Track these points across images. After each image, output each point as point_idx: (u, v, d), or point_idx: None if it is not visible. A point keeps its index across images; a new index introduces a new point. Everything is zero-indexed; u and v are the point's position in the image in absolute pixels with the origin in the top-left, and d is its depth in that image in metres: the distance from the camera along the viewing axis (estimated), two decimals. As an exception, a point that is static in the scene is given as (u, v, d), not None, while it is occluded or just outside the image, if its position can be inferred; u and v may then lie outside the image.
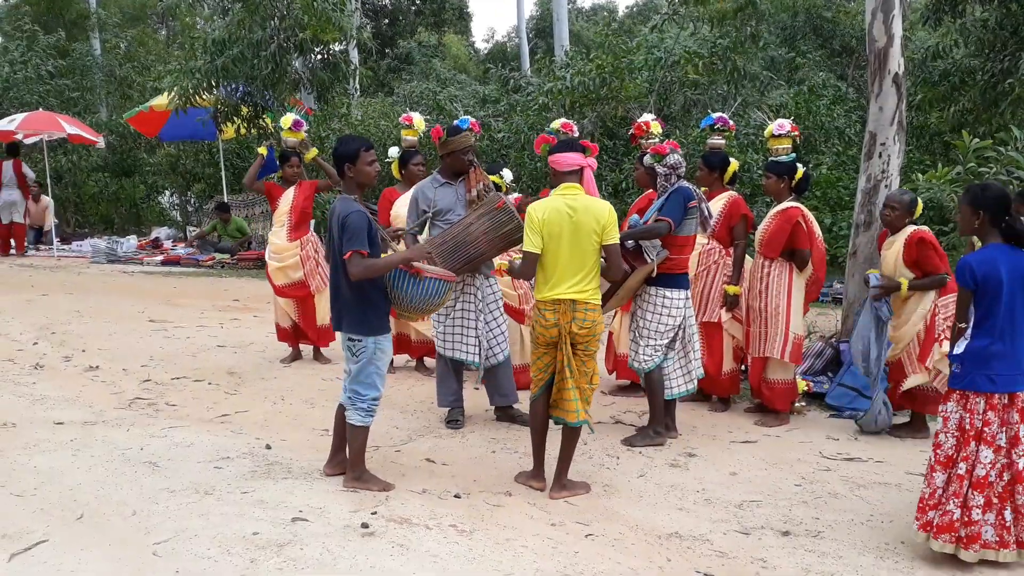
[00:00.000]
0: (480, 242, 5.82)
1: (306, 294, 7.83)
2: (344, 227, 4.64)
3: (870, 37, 7.70)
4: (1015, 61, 10.56)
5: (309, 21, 13.76)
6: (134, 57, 24.59)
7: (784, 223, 6.32)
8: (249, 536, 4.18)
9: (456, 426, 6.20)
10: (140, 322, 9.80)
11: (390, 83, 26.56)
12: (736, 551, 4.31)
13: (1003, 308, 4.11)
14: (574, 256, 4.80)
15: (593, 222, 4.80)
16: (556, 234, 4.78)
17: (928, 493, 4.25)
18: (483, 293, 6.15)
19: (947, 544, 4.15)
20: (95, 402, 6.56)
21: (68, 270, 14.57)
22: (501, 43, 39.54)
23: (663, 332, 5.85)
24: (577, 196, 4.86)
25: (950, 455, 4.22)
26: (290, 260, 7.78)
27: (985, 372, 4.14)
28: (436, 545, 4.19)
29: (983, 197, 4.22)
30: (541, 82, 16.20)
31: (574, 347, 4.86)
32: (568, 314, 4.78)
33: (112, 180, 20.71)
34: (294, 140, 7.90)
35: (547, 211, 4.82)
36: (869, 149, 7.65)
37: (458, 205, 6.10)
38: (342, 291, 4.81)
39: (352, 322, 4.81)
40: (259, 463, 5.26)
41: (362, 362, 4.80)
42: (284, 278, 7.82)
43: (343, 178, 4.89)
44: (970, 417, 4.18)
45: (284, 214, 7.82)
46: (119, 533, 4.22)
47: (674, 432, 6.13)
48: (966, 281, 4.16)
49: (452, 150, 6.10)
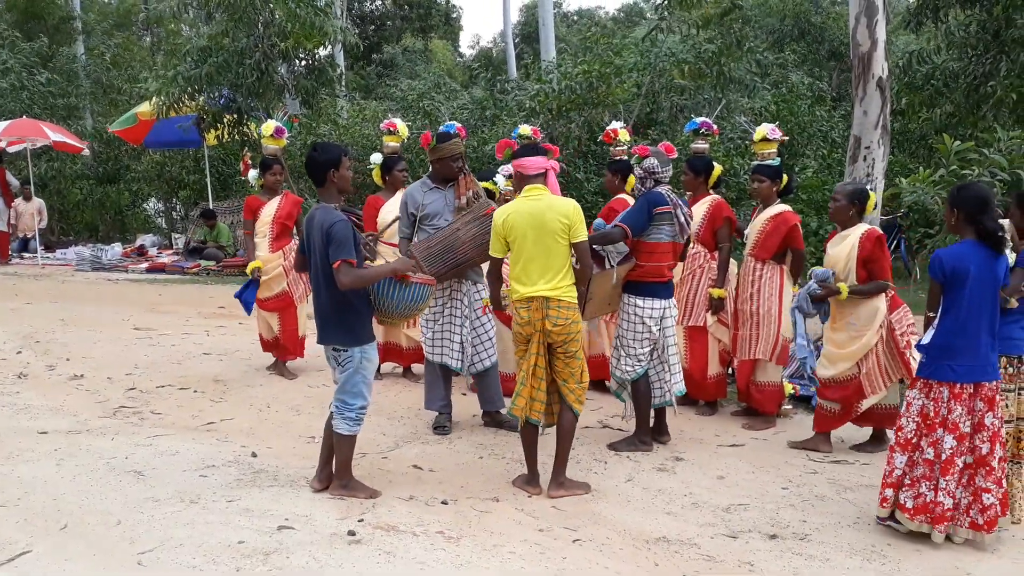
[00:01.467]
0: (466, 248, 5.83)
1: (288, 304, 7.61)
2: (330, 237, 4.58)
3: (854, 42, 7.75)
4: (996, 64, 10.64)
5: (292, 29, 13.74)
6: (120, 64, 24.46)
7: (781, 225, 6.35)
8: (235, 545, 4.16)
9: (444, 432, 6.19)
10: (125, 330, 9.75)
11: (377, 88, 26.56)
12: (724, 555, 4.31)
13: (967, 303, 4.32)
14: (541, 254, 4.88)
15: (558, 221, 4.87)
16: (521, 235, 4.89)
17: (887, 471, 4.55)
18: (470, 299, 6.14)
19: (923, 524, 4.41)
20: (79, 411, 6.52)
21: (52, 278, 14.49)
22: (487, 49, 39.62)
23: (639, 340, 5.79)
24: (542, 196, 4.95)
25: (909, 439, 4.48)
26: (273, 272, 7.54)
27: (948, 363, 4.37)
28: (423, 552, 4.17)
29: (959, 196, 4.44)
30: (528, 87, 16.23)
31: (552, 348, 4.94)
32: (541, 311, 4.86)
33: (97, 187, 20.60)
34: (275, 147, 7.77)
35: (510, 214, 4.94)
36: (854, 153, 7.70)
37: (447, 211, 6.07)
38: (325, 302, 4.76)
39: (337, 332, 4.76)
40: (245, 471, 5.23)
41: (348, 371, 4.76)
42: (267, 291, 7.57)
43: (324, 185, 4.79)
44: (934, 405, 4.42)
45: (266, 224, 7.58)
46: (104, 543, 4.18)
47: (666, 436, 6.13)
48: (935, 274, 4.40)
49: (441, 156, 6.07)
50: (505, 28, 27.96)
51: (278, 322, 7.65)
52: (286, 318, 7.65)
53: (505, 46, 28.76)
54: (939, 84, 12.12)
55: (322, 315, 4.79)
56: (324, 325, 4.80)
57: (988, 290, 4.34)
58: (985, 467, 4.37)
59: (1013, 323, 4.64)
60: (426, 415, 6.49)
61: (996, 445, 4.38)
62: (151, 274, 15.30)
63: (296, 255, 5.08)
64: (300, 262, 5.01)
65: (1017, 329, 4.66)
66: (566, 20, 39.73)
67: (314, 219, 4.72)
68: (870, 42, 7.57)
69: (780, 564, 4.23)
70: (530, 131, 7.78)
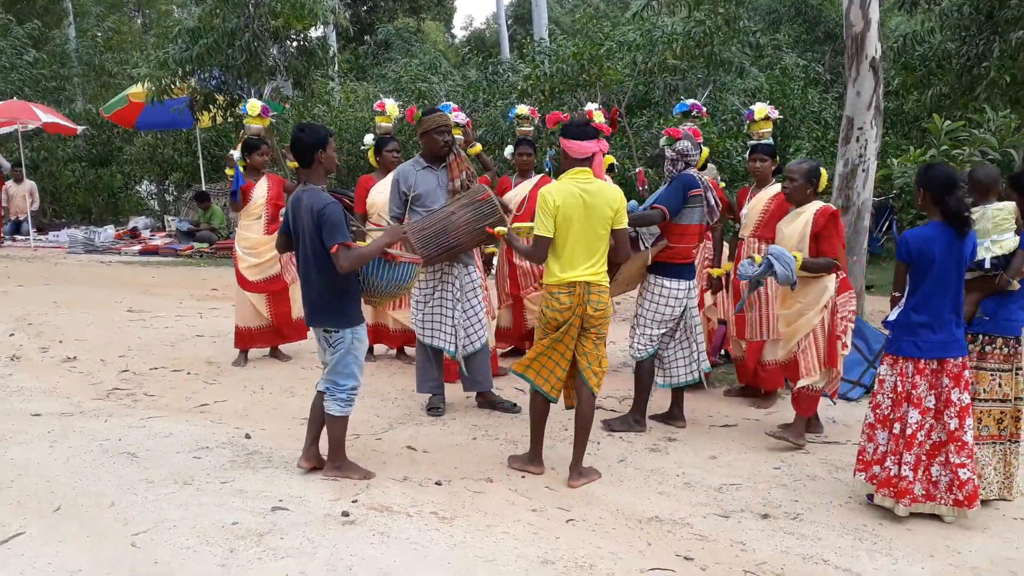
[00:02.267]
0: (460, 232, 5.77)
1: (282, 287, 7.47)
2: (323, 220, 4.53)
3: (847, 22, 7.72)
4: (989, 45, 10.62)
5: (282, 10, 13.65)
6: (113, 46, 24.29)
7: (784, 204, 6.33)
8: (228, 526, 4.16)
9: (437, 413, 6.20)
10: (118, 312, 9.73)
11: (371, 69, 26.44)
12: (716, 534, 4.34)
13: (932, 283, 4.43)
14: (587, 240, 4.81)
15: (606, 206, 4.82)
16: (569, 218, 4.79)
17: (872, 449, 4.63)
18: (461, 282, 6.12)
19: (886, 499, 4.51)
20: (72, 393, 6.51)
21: (45, 260, 14.44)
22: (480, 30, 39.40)
23: (660, 321, 5.85)
24: (590, 180, 4.86)
25: (887, 415, 4.58)
26: (268, 255, 7.36)
27: (912, 339, 4.50)
28: (417, 532, 4.18)
29: (925, 177, 4.52)
30: (522, 68, 16.17)
31: (586, 330, 4.89)
32: (583, 296, 4.80)
33: (89, 169, 20.51)
34: (259, 127, 7.58)
35: (561, 195, 4.80)
36: (846, 134, 7.68)
37: (439, 192, 6.03)
38: (315, 284, 4.72)
39: (328, 314, 4.74)
40: (238, 453, 5.23)
41: (340, 352, 4.75)
42: (259, 274, 7.42)
43: (310, 167, 4.72)
44: (900, 380, 4.53)
45: (259, 207, 7.40)
46: (97, 524, 4.18)
47: (681, 422, 6.13)
48: (902, 255, 4.52)
49: (426, 129, 6.01)
50: (498, 9, 27.81)
51: (267, 306, 7.47)
52: (278, 301, 7.49)
53: (498, 28, 28.64)
54: (932, 65, 12.10)
55: (312, 298, 4.76)
56: (315, 307, 4.77)
57: (953, 270, 4.44)
58: (957, 443, 4.44)
59: (1012, 303, 4.68)
60: (420, 397, 6.50)
61: (965, 420, 4.45)
62: (144, 256, 15.27)
63: (279, 235, 4.99)
64: (283, 243, 4.95)
65: (1016, 310, 4.70)
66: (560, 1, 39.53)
67: (301, 201, 4.66)
68: (863, 22, 7.55)
69: (772, 543, 4.25)
70: (527, 111, 7.77)
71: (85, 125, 19.24)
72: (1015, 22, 10.10)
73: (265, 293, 7.45)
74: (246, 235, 7.46)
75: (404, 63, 20.94)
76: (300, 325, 7.52)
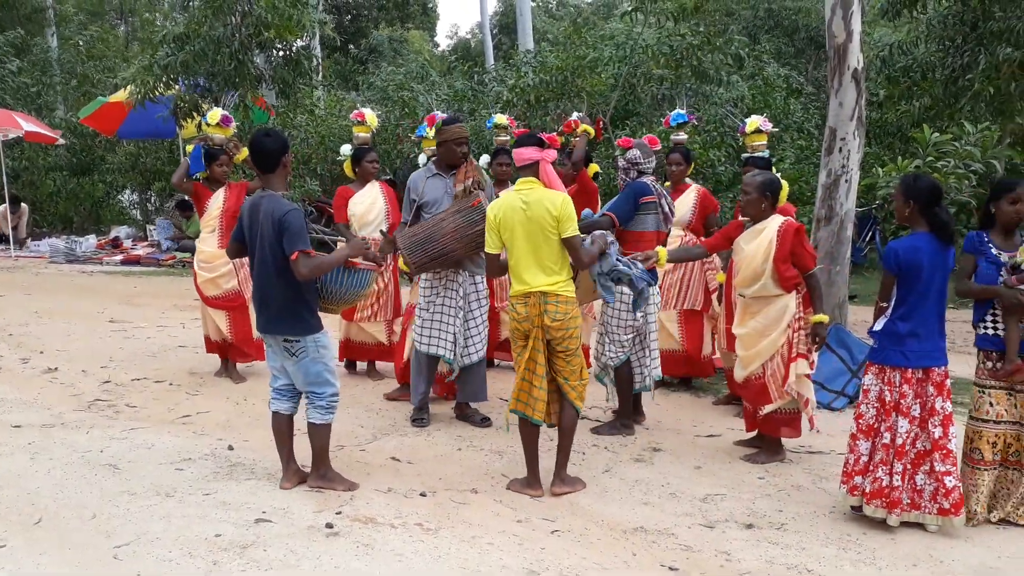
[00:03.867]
0: (447, 239, 5.74)
1: (240, 304, 7.14)
2: (284, 227, 4.47)
3: (829, 33, 7.78)
4: (974, 56, 10.69)
5: (272, 20, 13.63)
6: (96, 55, 24.14)
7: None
8: (211, 538, 4.14)
9: (421, 424, 6.18)
10: (100, 322, 9.66)
11: (355, 78, 26.40)
12: (701, 544, 4.34)
13: (918, 294, 4.46)
14: (531, 249, 4.79)
15: (546, 214, 4.76)
16: (511, 229, 4.81)
17: (853, 459, 4.63)
18: (465, 290, 6.07)
19: (879, 510, 4.50)
20: (54, 404, 6.46)
21: (26, 270, 14.34)
22: (465, 40, 39.46)
23: (625, 327, 5.95)
24: (532, 190, 4.84)
25: (871, 424, 4.59)
26: (222, 269, 7.10)
27: (899, 348, 4.51)
28: (401, 544, 4.16)
29: (914, 187, 4.52)
30: (507, 77, 16.20)
31: (551, 346, 4.84)
32: (538, 306, 4.76)
33: (70, 179, 20.38)
34: (222, 137, 7.28)
35: (501, 209, 4.86)
36: (829, 144, 7.73)
37: (446, 198, 6.02)
38: (273, 293, 4.63)
39: (288, 323, 4.65)
40: (221, 464, 5.21)
41: (304, 361, 4.68)
42: (215, 289, 7.14)
43: (273, 171, 4.67)
44: (888, 389, 4.54)
45: (214, 218, 7.11)
46: (79, 537, 4.15)
47: (641, 417, 6.33)
48: (890, 266, 4.53)
49: (445, 139, 6.01)
50: (483, 18, 27.88)
51: (227, 323, 7.19)
52: (237, 319, 7.19)
53: (483, 37, 28.69)
54: (917, 76, 12.18)
55: (271, 306, 4.66)
56: (273, 316, 4.67)
57: (939, 279, 4.48)
58: (941, 451, 4.46)
59: None
60: (404, 407, 6.48)
61: (949, 429, 4.47)
62: (126, 266, 15.19)
63: (231, 241, 4.88)
64: (235, 249, 4.87)
65: None
66: (544, 8, 39.64)
67: (259, 207, 4.59)
68: (845, 34, 7.60)
69: (756, 553, 4.25)
70: (506, 120, 7.80)
71: (63, 130, 19.05)
72: (999, 34, 10.18)
73: (225, 311, 7.17)
74: (202, 248, 7.22)
75: (391, 71, 20.93)
76: (261, 345, 7.15)
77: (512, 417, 4.96)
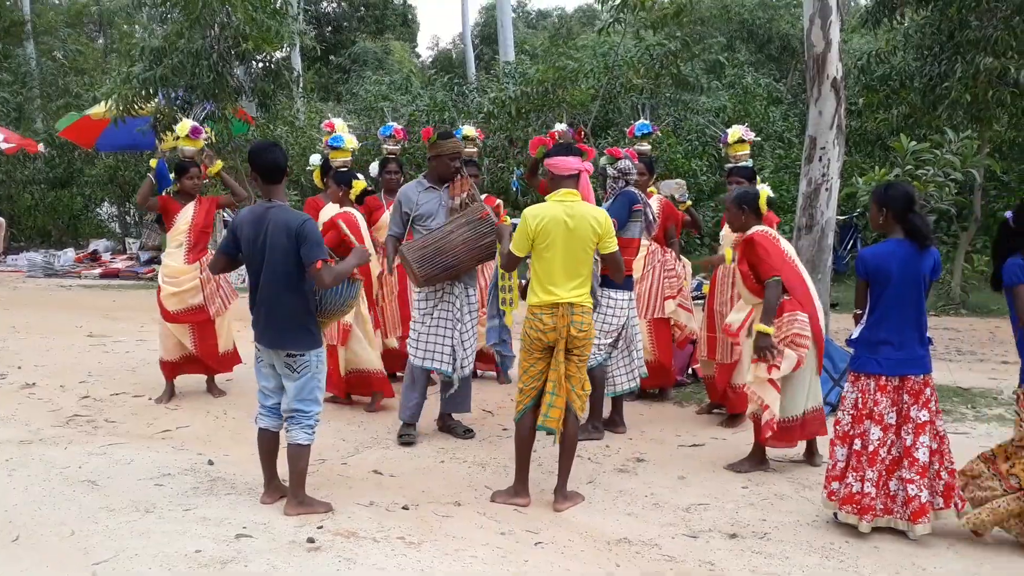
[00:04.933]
0: (459, 251, 5.72)
1: (204, 319, 6.94)
2: (304, 236, 4.44)
3: (808, 43, 7.81)
4: (951, 65, 10.79)
5: (251, 32, 13.60)
6: (76, 67, 24.00)
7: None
8: (192, 554, 4.10)
9: (410, 441, 6.02)
10: (78, 337, 9.59)
11: (336, 88, 26.38)
12: (684, 555, 4.33)
13: (890, 300, 4.48)
14: (570, 262, 4.78)
15: (590, 231, 4.78)
16: (550, 239, 4.75)
17: (831, 465, 4.68)
18: (461, 302, 6.03)
19: (850, 515, 4.53)
20: (32, 420, 6.40)
21: (3, 284, 14.23)
22: (446, 50, 39.51)
23: (607, 331, 5.99)
24: (575, 204, 4.82)
25: (847, 431, 4.62)
26: (188, 284, 6.88)
27: (874, 356, 4.54)
28: (384, 558, 4.13)
29: (886, 195, 4.57)
30: (486, 89, 16.23)
31: (569, 353, 4.82)
32: (566, 317, 4.75)
33: (48, 192, 20.25)
34: (192, 149, 7.12)
35: (544, 219, 4.76)
36: (809, 153, 7.75)
37: (440, 211, 5.99)
38: (282, 306, 4.56)
39: (296, 337, 4.59)
40: (201, 479, 5.16)
41: (304, 377, 4.61)
42: (179, 304, 6.88)
43: (279, 183, 4.63)
44: (862, 397, 4.56)
45: (182, 233, 6.92)
46: (57, 554, 4.10)
47: (622, 428, 6.35)
48: (860, 272, 4.60)
49: (440, 153, 5.99)
50: (464, 30, 27.98)
51: (191, 338, 6.97)
52: (203, 333, 6.99)
53: (464, 48, 28.75)
54: (896, 84, 12.29)
55: (278, 319, 4.58)
56: (281, 330, 4.59)
57: (912, 286, 4.49)
58: (909, 458, 4.48)
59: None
60: (387, 420, 6.45)
61: (920, 437, 4.46)
62: (105, 280, 15.09)
63: (218, 256, 4.79)
64: (222, 263, 4.80)
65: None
66: (525, 19, 39.74)
67: (268, 219, 4.52)
68: (824, 43, 7.63)
69: (740, 563, 4.25)
70: (474, 132, 7.78)
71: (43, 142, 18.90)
72: (976, 43, 10.28)
73: (188, 324, 6.95)
74: (168, 263, 6.99)
75: (374, 79, 20.92)
76: (226, 359, 7.20)
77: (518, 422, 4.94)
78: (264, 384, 4.77)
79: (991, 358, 9.24)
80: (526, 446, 4.94)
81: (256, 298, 4.64)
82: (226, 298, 7.07)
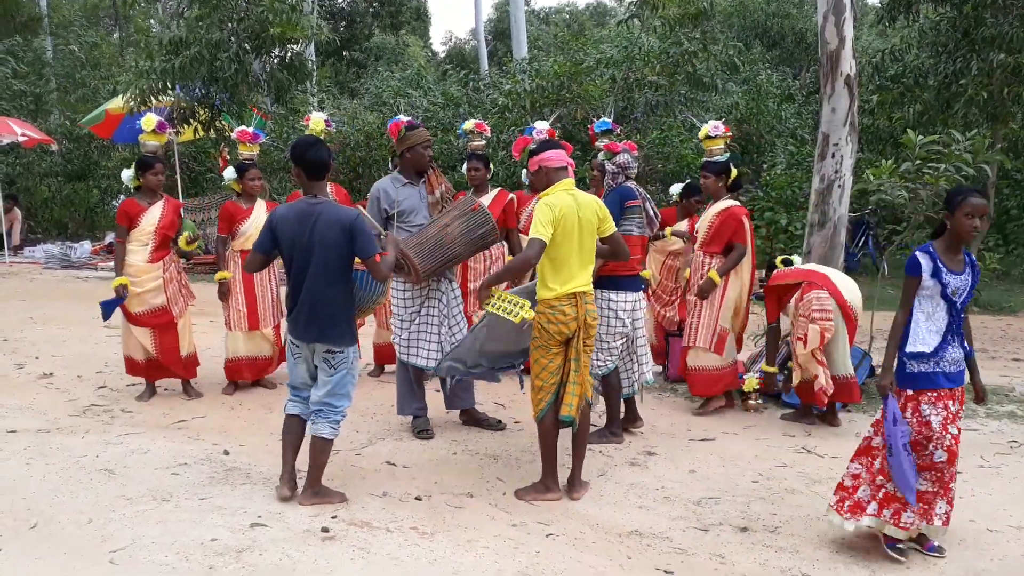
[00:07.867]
0: (456, 244, 5.71)
1: (167, 321, 6.77)
2: (356, 231, 4.50)
3: (822, 40, 7.82)
4: (967, 62, 10.75)
5: (275, 20, 13.63)
6: (91, 61, 24.12)
7: (729, 219, 6.58)
8: (207, 543, 4.15)
9: (428, 436, 6.05)
10: (94, 328, 9.64)
11: (350, 84, 26.42)
12: (695, 548, 4.35)
13: None
14: (584, 250, 4.85)
15: (593, 216, 4.86)
16: (569, 230, 4.77)
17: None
18: (447, 298, 6.02)
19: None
20: (49, 410, 6.47)
21: (21, 276, 14.33)
22: (459, 45, 39.53)
23: (614, 334, 5.86)
24: (576, 193, 4.89)
25: None
26: (151, 284, 6.69)
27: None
28: (397, 548, 4.18)
29: None
30: (500, 83, 16.24)
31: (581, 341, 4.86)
32: (583, 306, 4.81)
33: (65, 184, 20.37)
34: (155, 144, 6.88)
35: (563, 207, 4.77)
36: (822, 150, 7.76)
37: (421, 206, 5.99)
38: (327, 302, 4.57)
39: (338, 332, 4.62)
40: (217, 469, 5.22)
41: (340, 373, 4.66)
42: (141, 305, 6.68)
43: (322, 179, 4.66)
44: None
45: (147, 234, 6.67)
46: (75, 542, 4.16)
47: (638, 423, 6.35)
48: None
49: (412, 144, 5.97)
50: (477, 25, 28.01)
51: (152, 341, 6.78)
52: (164, 337, 6.80)
53: (477, 43, 28.77)
54: (910, 82, 12.23)
55: (322, 315, 4.58)
56: (325, 325, 4.59)
57: None
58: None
59: None
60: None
61: None
62: (121, 272, 15.14)
63: (254, 254, 4.78)
64: (259, 262, 4.78)
65: None
66: (538, 16, 39.70)
67: (316, 214, 4.53)
68: (838, 40, 7.64)
69: (750, 556, 4.27)
70: (472, 125, 7.79)
71: (61, 138, 19.05)
72: (992, 40, 10.23)
73: (149, 328, 6.77)
74: (130, 261, 6.69)
75: (387, 75, 20.94)
76: (189, 362, 7.04)
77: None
78: (299, 380, 4.79)
79: (1003, 355, 9.23)
80: (552, 442, 4.95)
81: (299, 294, 4.62)
82: (186, 299, 6.97)
